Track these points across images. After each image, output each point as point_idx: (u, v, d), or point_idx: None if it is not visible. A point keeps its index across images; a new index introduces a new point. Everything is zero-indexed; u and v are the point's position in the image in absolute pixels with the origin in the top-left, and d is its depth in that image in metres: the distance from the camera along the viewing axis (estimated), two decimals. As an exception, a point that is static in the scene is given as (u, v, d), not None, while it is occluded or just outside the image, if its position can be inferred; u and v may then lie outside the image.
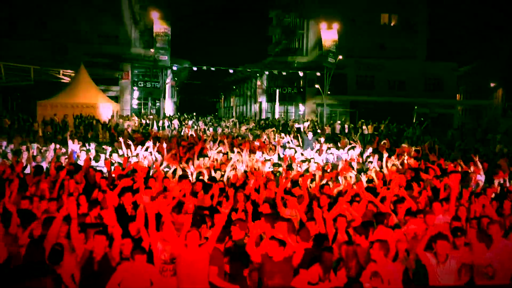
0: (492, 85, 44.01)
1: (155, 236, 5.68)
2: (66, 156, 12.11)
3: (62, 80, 33.56)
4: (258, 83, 50.78)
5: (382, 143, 17.38)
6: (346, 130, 28.81)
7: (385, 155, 12.02)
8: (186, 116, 38.44)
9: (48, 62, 34.88)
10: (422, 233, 6.20)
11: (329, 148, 15.57)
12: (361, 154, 14.49)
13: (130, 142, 14.04)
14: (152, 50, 36.11)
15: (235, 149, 12.97)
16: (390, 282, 5.29)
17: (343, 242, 5.96)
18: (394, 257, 5.78)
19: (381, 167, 11.56)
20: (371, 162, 12.68)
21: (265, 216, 6.76)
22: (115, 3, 42.56)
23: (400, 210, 7.36)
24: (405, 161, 12.74)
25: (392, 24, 46.75)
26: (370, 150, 14.83)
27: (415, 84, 45.23)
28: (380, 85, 45.28)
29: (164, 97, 42.67)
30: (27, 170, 10.56)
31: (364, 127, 28.46)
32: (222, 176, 10.34)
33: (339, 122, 32.03)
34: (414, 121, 37.64)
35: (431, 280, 5.63)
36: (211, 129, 26.81)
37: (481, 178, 10.85)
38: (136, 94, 43.56)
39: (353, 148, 14.89)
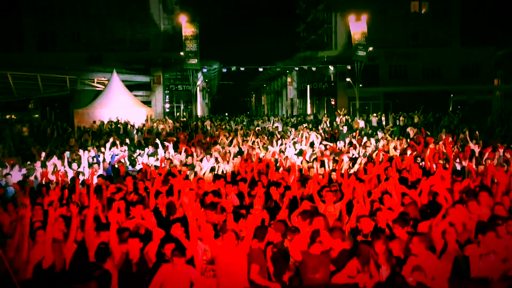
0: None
1: (196, 237, 5.73)
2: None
3: (97, 88, 34.43)
4: (289, 80, 50.51)
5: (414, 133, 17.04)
6: (384, 122, 28.29)
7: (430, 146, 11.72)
8: (217, 117, 38.69)
9: (84, 71, 35.93)
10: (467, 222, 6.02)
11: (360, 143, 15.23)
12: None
13: (166, 144, 14.35)
14: (181, 53, 36.53)
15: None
16: (434, 277, 5.13)
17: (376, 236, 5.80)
18: (442, 249, 5.63)
19: (416, 158, 11.28)
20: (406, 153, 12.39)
21: (301, 213, 6.71)
22: (145, 10, 43.47)
23: (441, 201, 7.12)
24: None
25: (423, 12, 45.60)
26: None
27: (451, 71, 43.95)
28: (414, 74, 44.25)
29: (196, 99, 43.12)
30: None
31: (401, 118, 27.87)
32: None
33: (374, 114, 31.44)
34: (450, 109, 36.56)
35: (473, 272, 5.45)
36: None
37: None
38: (168, 97, 44.28)
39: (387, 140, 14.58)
